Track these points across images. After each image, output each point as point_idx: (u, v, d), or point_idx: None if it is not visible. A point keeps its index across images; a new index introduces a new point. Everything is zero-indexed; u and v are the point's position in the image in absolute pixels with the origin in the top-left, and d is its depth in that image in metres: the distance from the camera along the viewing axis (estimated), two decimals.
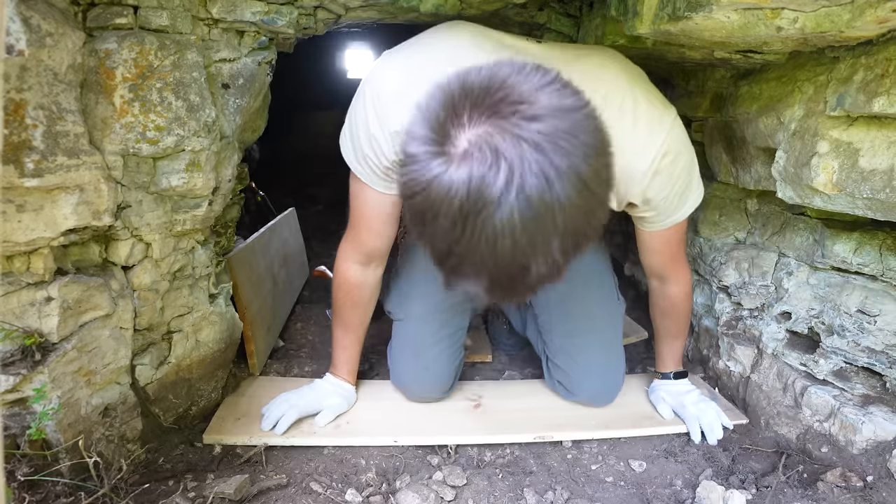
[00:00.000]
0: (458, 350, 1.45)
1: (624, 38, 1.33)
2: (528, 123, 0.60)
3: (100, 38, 0.98)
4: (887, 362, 1.16)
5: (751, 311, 1.51)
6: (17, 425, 0.93)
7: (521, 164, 0.59)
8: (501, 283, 0.68)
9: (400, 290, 1.45)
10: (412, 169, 0.64)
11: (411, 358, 1.40)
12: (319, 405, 1.32)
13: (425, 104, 0.67)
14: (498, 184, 0.59)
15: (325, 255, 2.86)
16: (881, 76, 0.94)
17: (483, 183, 0.59)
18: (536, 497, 1.13)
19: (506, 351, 1.86)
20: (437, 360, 1.39)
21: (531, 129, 0.60)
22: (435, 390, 1.41)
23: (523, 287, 0.70)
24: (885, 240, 1.16)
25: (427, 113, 0.66)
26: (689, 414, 1.34)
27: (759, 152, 1.34)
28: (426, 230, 0.66)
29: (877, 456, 1.12)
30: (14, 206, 0.86)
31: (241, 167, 1.41)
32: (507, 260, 0.63)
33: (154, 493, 1.04)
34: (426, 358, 1.38)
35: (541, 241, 0.63)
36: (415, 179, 0.64)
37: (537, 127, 0.60)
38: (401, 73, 1.01)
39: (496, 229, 0.61)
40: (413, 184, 0.64)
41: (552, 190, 0.60)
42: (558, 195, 0.60)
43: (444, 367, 1.40)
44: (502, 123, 0.61)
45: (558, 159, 0.59)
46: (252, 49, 1.22)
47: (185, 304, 1.25)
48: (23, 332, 0.91)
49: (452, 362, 1.42)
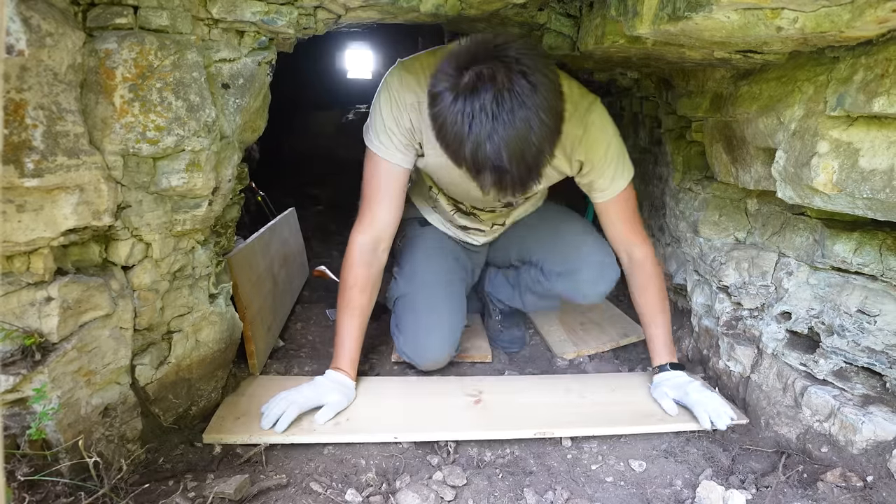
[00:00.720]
0: (462, 315, 1.63)
1: (624, 38, 1.33)
2: (512, 62, 0.96)
3: (100, 38, 0.98)
4: (887, 362, 1.16)
5: (751, 311, 1.51)
6: (17, 425, 0.93)
7: (510, 77, 0.95)
8: (513, 155, 0.97)
9: (404, 272, 1.65)
10: (442, 93, 0.99)
11: (425, 314, 1.55)
12: (319, 402, 1.32)
13: (440, 64, 1.03)
14: (496, 85, 0.95)
15: (325, 255, 2.86)
16: (881, 76, 0.94)
17: (485, 86, 0.95)
18: (536, 497, 1.13)
19: (503, 348, 1.88)
20: (450, 312, 1.57)
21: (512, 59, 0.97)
22: (446, 345, 1.55)
23: (526, 167, 1.00)
24: (885, 240, 1.16)
25: (442, 66, 1.02)
26: (693, 401, 1.35)
27: (759, 152, 1.34)
28: (456, 133, 0.98)
29: (877, 456, 1.12)
30: (14, 206, 0.86)
31: (241, 167, 1.41)
32: (512, 132, 0.95)
33: (154, 493, 1.04)
34: (440, 311, 1.56)
35: (528, 118, 0.96)
36: (443, 97, 0.99)
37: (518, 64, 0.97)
38: (407, 69, 1.34)
39: (500, 112, 0.95)
40: (442, 99, 0.99)
41: (533, 91, 0.96)
42: (535, 93, 0.96)
43: (456, 320, 1.58)
44: (494, 63, 0.96)
45: (534, 77, 0.97)
46: (252, 49, 1.22)
47: (185, 304, 1.25)
48: (23, 332, 0.91)
49: (459, 322, 1.60)
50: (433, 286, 1.60)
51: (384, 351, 1.84)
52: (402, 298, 1.63)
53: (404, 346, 1.59)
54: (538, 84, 0.97)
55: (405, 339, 1.58)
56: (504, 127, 0.95)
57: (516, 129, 0.96)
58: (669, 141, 1.91)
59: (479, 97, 0.95)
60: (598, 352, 1.85)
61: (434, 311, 1.56)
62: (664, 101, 1.91)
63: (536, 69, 0.97)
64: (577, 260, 1.57)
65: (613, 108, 2.51)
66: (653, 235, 2.12)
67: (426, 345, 1.55)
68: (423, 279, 1.60)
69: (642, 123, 2.27)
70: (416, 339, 1.55)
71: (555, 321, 2.05)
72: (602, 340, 1.89)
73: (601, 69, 2.00)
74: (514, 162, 0.98)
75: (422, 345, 1.55)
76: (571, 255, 1.59)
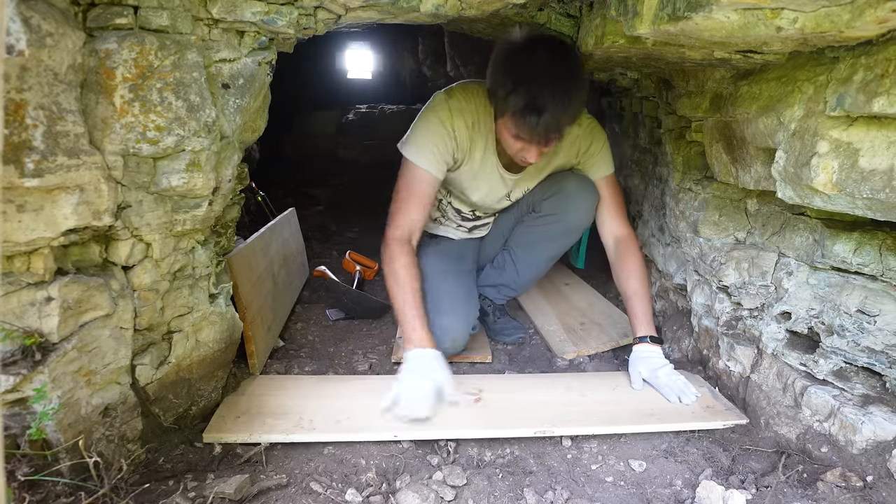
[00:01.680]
0: (474, 300, 1.81)
1: (624, 38, 1.34)
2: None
3: (100, 38, 0.98)
4: (887, 362, 1.16)
5: (751, 311, 1.51)
6: (18, 425, 0.93)
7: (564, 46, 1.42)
8: (556, 101, 1.32)
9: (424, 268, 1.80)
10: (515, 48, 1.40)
11: (444, 297, 1.70)
12: (443, 382, 1.37)
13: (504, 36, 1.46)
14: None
15: (325, 255, 2.86)
16: (881, 76, 0.94)
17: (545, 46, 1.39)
18: (536, 497, 1.13)
19: (504, 340, 1.94)
20: (464, 295, 1.75)
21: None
22: (473, 316, 1.72)
23: (561, 112, 1.34)
24: (885, 240, 1.16)
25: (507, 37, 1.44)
26: (662, 384, 1.49)
27: (759, 152, 1.34)
28: (522, 81, 1.34)
29: (877, 456, 1.12)
30: (14, 206, 0.86)
31: (241, 167, 1.41)
32: (557, 80, 1.33)
33: (154, 493, 1.04)
34: (454, 294, 1.72)
35: (572, 87, 1.35)
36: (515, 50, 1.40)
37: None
38: (463, 93, 1.62)
39: (557, 76, 1.34)
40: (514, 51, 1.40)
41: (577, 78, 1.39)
42: (574, 61, 1.40)
43: (469, 301, 1.76)
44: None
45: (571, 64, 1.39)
46: (252, 49, 1.23)
47: (186, 304, 1.25)
48: (23, 332, 0.92)
49: (473, 305, 1.77)
50: (442, 275, 1.75)
51: (384, 351, 1.84)
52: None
53: (435, 318, 1.64)
54: (578, 58, 1.43)
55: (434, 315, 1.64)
56: (558, 76, 1.33)
57: (564, 79, 1.33)
58: (669, 141, 1.91)
59: (549, 56, 1.34)
60: (598, 352, 1.85)
61: (444, 295, 1.70)
62: (664, 101, 1.91)
63: (576, 66, 1.40)
64: (562, 180, 1.77)
65: (613, 108, 2.51)
66: (653, 235, 2.12)
67: (445, 326, 1.63)
68: (428, 272, 1.73)
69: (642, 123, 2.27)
70: (435, 325, 1.59)
71: (555, 321, 2.05)
72: (602, 340, 1.89)
73: (601, 69, 2.00)
74: (556, 104, 1.31)
75: (441, 327, 1.62)
76: (556, 181, 1.78)
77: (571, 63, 1.37)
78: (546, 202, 1.79)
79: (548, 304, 2.22)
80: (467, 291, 1.79)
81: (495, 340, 1.95)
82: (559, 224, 1.78)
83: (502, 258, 1.98)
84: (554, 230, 1.81)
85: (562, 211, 1.76)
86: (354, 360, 1.77)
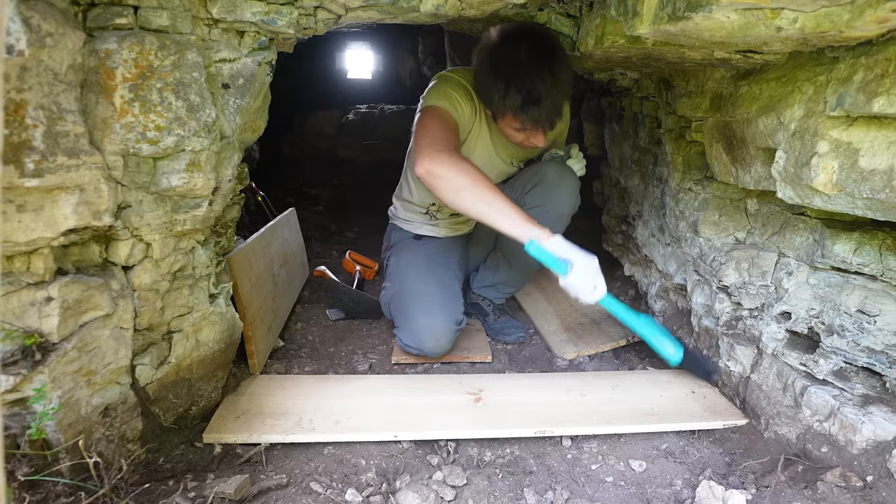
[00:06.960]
0: (457, 294, 1.77)
1: (624, 38, 1.33)
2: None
3: (100, 38, 0.98)
4: (887, 362, 1.16)
5: (751, 311, 1.51)
6: (18, 425, 0.93)
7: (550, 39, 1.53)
8: (548, 87, 1.43)
9: (392, 277, 1.85)
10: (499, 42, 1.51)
11: (415, 297, 1.67)
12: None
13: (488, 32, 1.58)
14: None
15: (325, 255, 2.86)
16: (881, 76, 0.94)
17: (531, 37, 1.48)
18: (536, 497, 1.13)
19: (505, 339, 1.94)
20: (442, 291, 1.71)
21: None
22: (444, 321, 1.64)
23: (556, 94, 1.47)
24: (885, 240, 1.16)
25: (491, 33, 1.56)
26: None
27: (759, 152, 1.34)
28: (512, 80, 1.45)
29: (876, 456, 1.12)
30: (14, 206, 0.86)
31: (241, 167, 1.41)
32: (541, 64, 1.44)
33: (154, 493, 1.04)
34: (430, 291, 1.68)
35: (557, 66, 1.46)
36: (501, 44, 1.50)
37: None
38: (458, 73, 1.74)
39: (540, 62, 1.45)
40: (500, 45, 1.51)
41: (558, 54, 1.48)
42: (560, 55, 1.49)
43: (450, 297, 1.71)
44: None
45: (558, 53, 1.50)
46: (252, 49, 1.23)
47: (186, 304, 1.25)
48: (23, 332, 0.92)
49: (456, 299, 1.73)
50: (421, 274, 1.76)
51: (384, 351, 1.84)
52: (395, 297, 1.77)
53: (406, 338, 1.64)
54: (550, 33, 1.52)
55: (405, 330, 1.64)
56: (540, 60, 1.42)
57: (547, 60, 1.42)
58: (669, 141, 1.90)
59: (526, 46, 1.41)
60: (598, 352, 1.85)
61: (423, 293, 1.68)
62: (664, 101, 1.90)
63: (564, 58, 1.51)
64: (541, 170, 1.81)
65: (613, 108, 2.51)
66: (653, 235, 2.12)
67: (424, 325, 1.60)
68: (409, 272, 1.77)
69: (642, 123, 2.27)
70: (415, 324, 1.59)
71: (555, 321, 2.05)
72: (602, 340, 1.89)
73: (601, 69, 2.00)
74: (550, 95, 1.41)
75: (421, 326, 1.60)
76: (535, 173, 1.82)
77: (547, 41, 1.44)
78: (529, 195, 1.79)
79: (548, 304, 2.22)
80: (451, 291, 1.76)
81: (495, 340, 1.95)
82: (546, 214, 1.74)
83: (494, 258, 1.99)
84: (541, 221, 1.77)
85: (547, 201, 1.77)
86: (354, 360, 1.77)
